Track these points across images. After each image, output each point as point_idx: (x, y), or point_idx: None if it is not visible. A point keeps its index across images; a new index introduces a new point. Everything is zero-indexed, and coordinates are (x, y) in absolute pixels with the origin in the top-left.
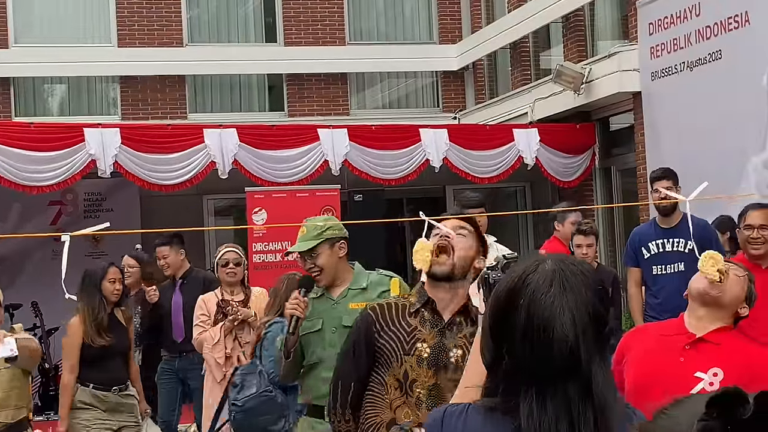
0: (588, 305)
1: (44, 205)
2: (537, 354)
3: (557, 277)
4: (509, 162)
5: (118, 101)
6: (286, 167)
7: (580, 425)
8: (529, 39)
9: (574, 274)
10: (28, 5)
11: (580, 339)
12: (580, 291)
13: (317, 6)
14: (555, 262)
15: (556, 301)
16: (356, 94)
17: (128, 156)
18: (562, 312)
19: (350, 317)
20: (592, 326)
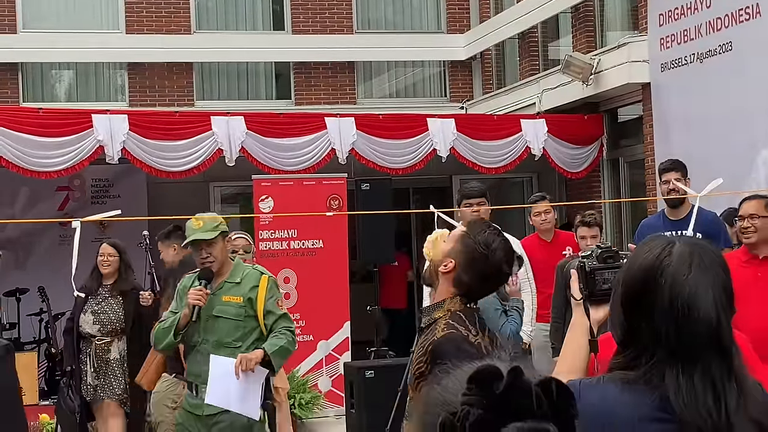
0: (725, 284)
1: (52, 191)
2: (681, 332)
3: (695, 259)
4: (516, 152)
5: (126, 88)
6: (293, 155)
7: (725, 399)
8: (538, 29)
9: (709, 255)
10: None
11: (721, 317)
12: (717, 271)
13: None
14: (688, 244)
15: (699, 281)
16: (363, 82)
17: (136, 142)
18: (706, 292)
19: (222, 308)
20: (729, 305)
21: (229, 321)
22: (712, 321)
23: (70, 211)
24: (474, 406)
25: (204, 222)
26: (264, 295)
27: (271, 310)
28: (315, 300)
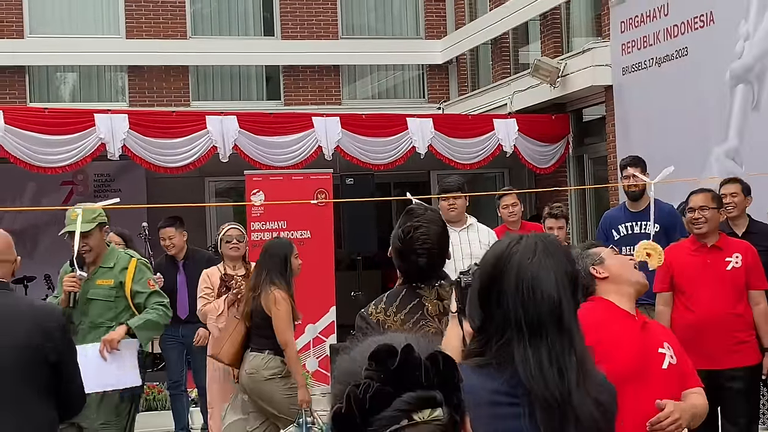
0: (568, 270)
1: (57, 185)
2: (527, 311)
3: (539, 247)
4: (489, 149)
5: (126, 89)
6: (283, 152)
7: (567, 373)
8: (509, 35)
9: (553, 244)
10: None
11: (563, 298)
12: (560, 258)
13: (312, 2)
14: (535, 236)
15: (542, 265)
16: (348, 85)
17: (135, 140)
18: (548, 274)
19: (95, 291)
20: (570, 285)
21: (101, 302)
22: (554, 300)
23: (74, 204)
24: (373, 380)
25: (83, 214)
26: (132, 276)
27: (140, 290)
28: (303, 286)
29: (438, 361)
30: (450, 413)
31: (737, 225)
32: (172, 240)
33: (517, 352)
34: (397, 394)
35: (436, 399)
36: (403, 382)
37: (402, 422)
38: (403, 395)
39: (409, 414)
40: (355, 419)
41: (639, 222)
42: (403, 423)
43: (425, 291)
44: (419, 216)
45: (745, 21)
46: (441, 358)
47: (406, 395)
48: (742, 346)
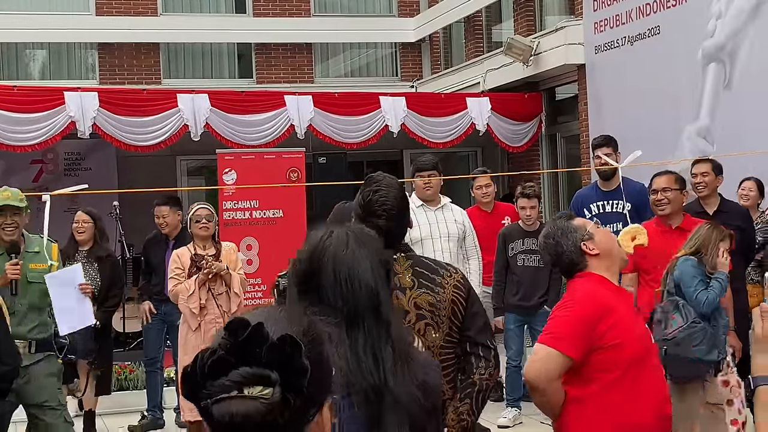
0: (382, 260)
1: (27, 163)
2: (347, 301)
3: (351, 238)
4: (462, 128)
5: (96, 67)
6: (255, 131)
7: (383, 361)
8: (482, 13)
9: (365, 236)
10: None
11: (379, 286)
12: (374, 248)
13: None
14: (345, 229)
15: (357, 255)
16: (320, 63)
17: (106, 118)
18: (364, 263)
19: (32, 275)
20: (384, 274)
21: (41, 285)
22: (371, 288)
23: (44, 183)
24: (221, 348)
25: (11, 193)
26: (57, 260)
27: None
28: (275, 265)
29: (286, 344)
30: (283, 394)
31: (708, 204)
32: (166, 219)
33: (335, 336)
34: (236, 366)
35: (270, 378)
36: (245, 356)
37: (232, 392)
38: (240, 368)
39: (240, 386)
40: (196, 379)
41: (611, 201)
42: (233, 393)
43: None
44: (378, 181)
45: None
46: (290, 341)
47: (243, 369)
48: None
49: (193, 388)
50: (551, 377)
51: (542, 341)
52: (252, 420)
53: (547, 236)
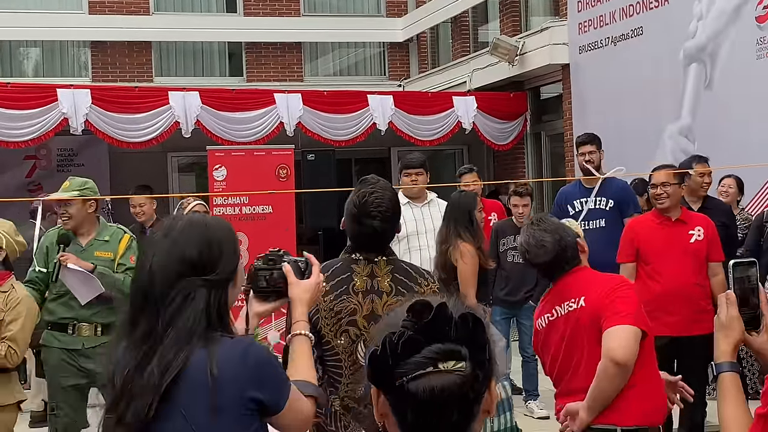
0: (182, 248)
1: (20, 159)
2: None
3: (166, 228)
4: (449, 126)
5: (89, 64)
6: (245, 128)
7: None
8: (469, 14)
9: (180, 226)
10: None
11: (157, 274)
12: (175, 239)
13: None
14: (177, 217)
15: (158, 246)
16: (310, 62)
17: (98, 115)
18: (158, 254)
19: (96, 262)
20: (183, 267)
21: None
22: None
23: (37, 178)
24: (408, 329)
25: (70, 183)
26: (123, 250)
27: (123, 263)
28: None
29: (468, 321)
30: (473, 368)
31: (693, 201)
32: (143, 207)
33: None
34: (427, 344)
35: (461, 353)
36: (434, 335)
37: (428, 368)
38: (432, 345)
39: (435, 362)
40: (388, 361)
41: (593, 198)
42: (429, 369)
43: (359, 266)
44: (373, 183)
45: (699, 1)
46: (471, 318)
47: (435, 345)
48: (703, 315)
49: (383, 369)
50: (636, 354)
51: (623, 322)
52: (449, 392)
53: (552, 232)
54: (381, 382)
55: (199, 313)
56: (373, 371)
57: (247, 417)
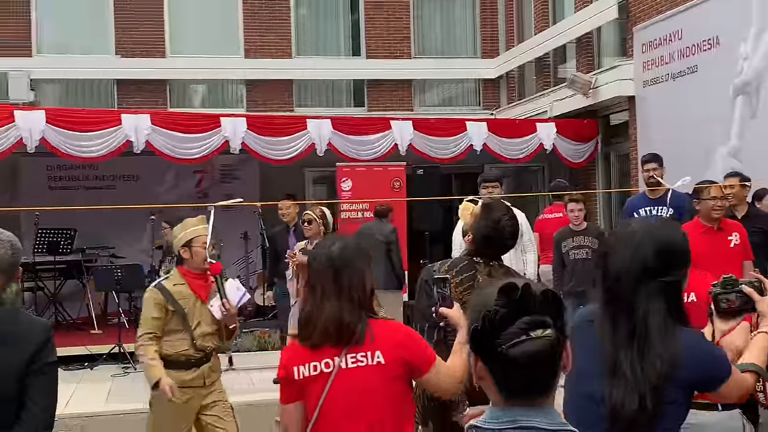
0: (643, 255)
1: (190, 173)
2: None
3: (625, 238)
4: (532, 147)
5: (244, 98)
6: (366, 148)
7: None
8: (550, 55)
9: (638, 238)
10: (182, 23)
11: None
12: (636, 248)
13: (390, 28)
14: (632, 227)
15: (619, 256)
16: (419, 95)
17: (252, 138)
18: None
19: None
20: (645, 273)
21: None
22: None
23: (204, 188)
24: (501, 307)
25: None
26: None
27: None
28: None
29: (549, 296)
30: (556, 333)
31: (738, 210)
32: (288, 210)
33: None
34: (518, 317)
35: (546, 322)
36: (523, 309)
37: (522, 337)
38: (523, 318)
39: (527, 331)
40: (488, 334)
41: (656, 207)
42: (523, 337)
43: (480, 266)
44: (503, 208)
45: (745, 44)
46: (551, 293)
47: (525, 318)
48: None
49: (484, 340)
50: None
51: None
52: (541, 355)
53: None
54: (482, 351)
55: (664, 312)
56: (476, 343)
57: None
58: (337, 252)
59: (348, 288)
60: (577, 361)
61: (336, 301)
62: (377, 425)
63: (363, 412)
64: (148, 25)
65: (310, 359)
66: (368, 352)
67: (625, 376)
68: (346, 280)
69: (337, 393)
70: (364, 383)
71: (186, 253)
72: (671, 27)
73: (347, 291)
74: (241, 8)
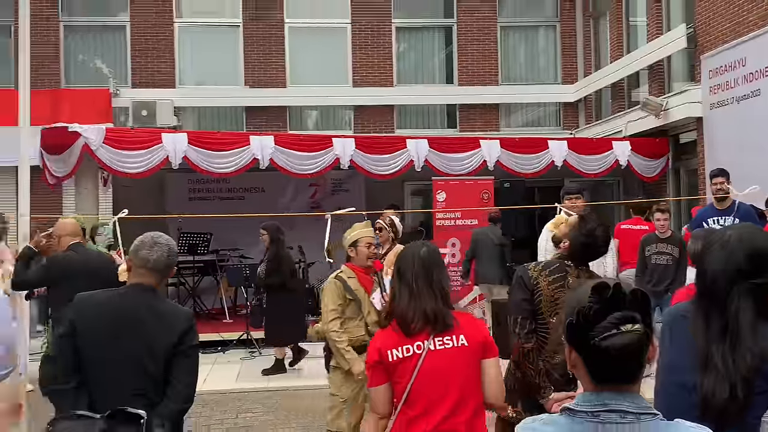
0: (738, 258)
1: (306, 186)
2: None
3: (720, 241)
4: (609, 163)
5: (351, 121)
6: (458, 164)
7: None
8: (624, 80)
9: (732, 241)
10: (299, 58)
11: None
12: (731, 251)
13: (480, 58)
14: (726, 231)
15: (714, 257)
16: (505, 117)
17: (359, 156)
18: (716, 263)
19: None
20: (738, 274)
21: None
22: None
23: (318, 199)
24: (594, 303)
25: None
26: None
27: None
28: None
29: (638, 295)
30: (644, 329)
31: None
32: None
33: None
34: (609, 313)
35: (635, 318)
36: (614, 306)
37: (612, 331)
38: (614, 313)
39: (617, 326)
40: (582, 328)
41: (723, 217)
42: (613, 331)
43: (571, 269)
44: (596, 222)
45: None
46: (639, 292)
47: (616, 313)
48: None
49: (579, 333)
50: None
51: None
52: (630, 347)
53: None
54: (576, 342)
55: (754, 310)
56: (571, 335)
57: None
58: (426, 254)
59: (437, 282)
60: (670, 353)
61: (428, 294)
62: (460, 399)
63: (449, 388)
64: (271, 61)
65: (402, 343)
66: (453, 336)
67: (717, 367)
68: (435, 276)
69: (427, 371)
70: (449, 363)
71: (353, 252)
72: (736, 55)
73: (437, 285)
74: (350, 45)
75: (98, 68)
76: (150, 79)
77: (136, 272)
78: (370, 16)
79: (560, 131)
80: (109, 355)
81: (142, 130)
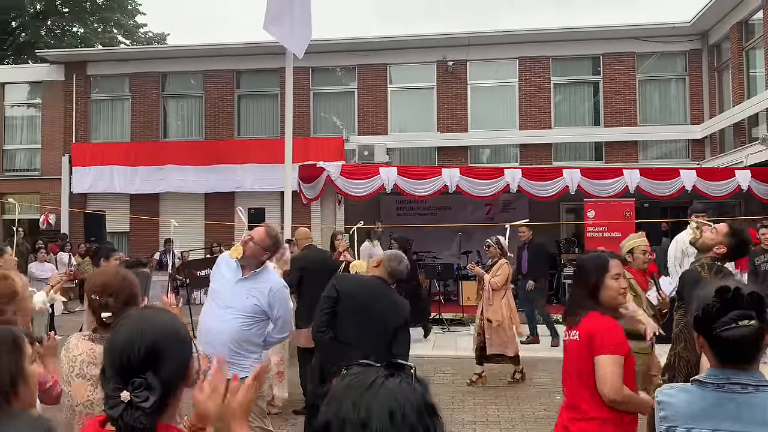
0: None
1: (482, 205)
2: None
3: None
4: (731, 188)
5: (518, 156)
6: (605, 188)
7: None
8: (745, 121)
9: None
10: (477, 108)
11: None
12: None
13: (623, 103)
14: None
15: None
16: (642, 151)
17: (524, 182)
18: None
19: None
20: None
21: None
22: None
23: (491, 215)
24: (717, 302)
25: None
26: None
27: None
28: None
29: (754, 296)
30: (760, 325)
31: None
32: (526, 233)
33: None
34: (730, 310)
35: (751, 315)
36: (734, 305)
37: (732, 325)
38: (733, 311)
39: (736, 321)
40: (707, 321)
41: None
42: (733, 326)
43: (703, 271)
44: (741, 230)
45: None
46: (756, 294)
47: (735, 311)
48: None
49: (704, 325)
50: None
51: None
52: (746, 339)
53: None
54: (703, 331)
55: None
56: (698, 326)
57: None
58: (581, 262)
59: (587, 285)
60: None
61: (581, 294)
62: (575, 381)
63: (569, 372)
64: (457, 112)
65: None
66: (576, 332)
67: None
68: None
69: (565, 356)
70: (569, 351)
71: (630, 257)
72: None
73: (586, 287)
74: (517, 97)
75: (335, 122)
76: (370, 129)
77: (383, 271)
78: (533, 75)
79: (689, 162)
80: (359, 320)
81: (365, 165)
